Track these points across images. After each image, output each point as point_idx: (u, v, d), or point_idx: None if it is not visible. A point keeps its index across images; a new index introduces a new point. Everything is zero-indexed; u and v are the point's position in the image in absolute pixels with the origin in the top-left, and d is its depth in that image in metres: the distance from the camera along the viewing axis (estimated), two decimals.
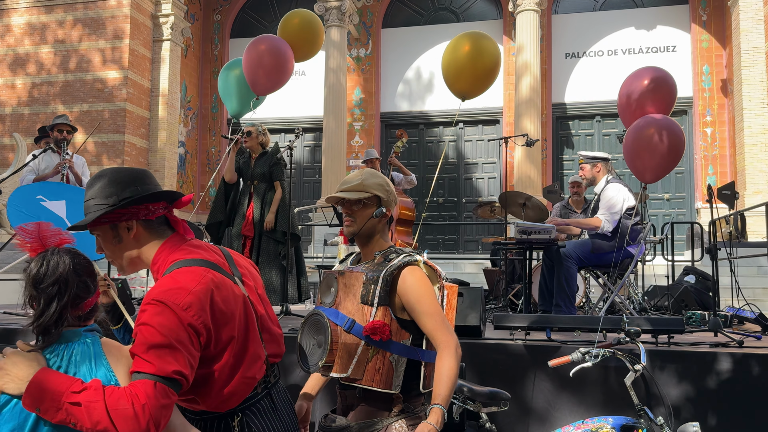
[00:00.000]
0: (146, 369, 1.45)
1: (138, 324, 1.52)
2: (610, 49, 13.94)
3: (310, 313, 2.01)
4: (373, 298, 1.90)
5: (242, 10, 15.96)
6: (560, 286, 4.75)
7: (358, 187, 2.03)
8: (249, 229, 5.20)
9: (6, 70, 13.39)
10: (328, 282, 2.03)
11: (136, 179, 1.71)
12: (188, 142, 15.23)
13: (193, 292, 1.56)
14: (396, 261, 1.94)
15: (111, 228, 1.68)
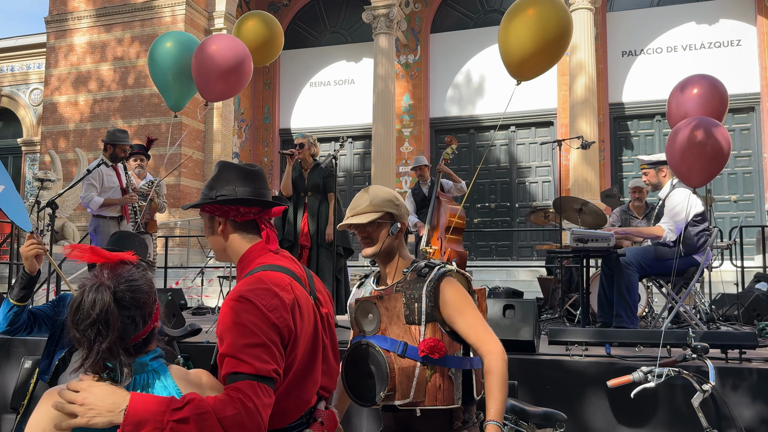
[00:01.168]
0: (245, 370, 1.46)
1: (225, 322, 1.53)
2: (669, 46, 13.40)
3: (353, 344, 1.93)
4: (420, 316, 1.86)
5: (292, 22, 16.16)
6: (621, 296, 4.51)
7: (367, 208, 1.99)
8: (306, 239, 5.23)
9: (69, 87, 13.95)
10: (365, 309, 1.96)
11: (239, 179, 1.78)
12: (242, 152, 15.49)
13: (278, 295, 1.59)
14: (432, 274, 1.91)
15: (209, 218, 1.79)
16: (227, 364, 1.48)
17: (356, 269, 9.50)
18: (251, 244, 1.76)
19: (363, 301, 1.97)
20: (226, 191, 1.75)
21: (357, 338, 1.95)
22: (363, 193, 2.04)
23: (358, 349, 1.91)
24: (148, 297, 1.46)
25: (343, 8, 15.75)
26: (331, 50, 15.68)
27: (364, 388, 1.88)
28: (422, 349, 1.82)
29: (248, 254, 1.75)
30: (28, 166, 15.98)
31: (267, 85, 16.13)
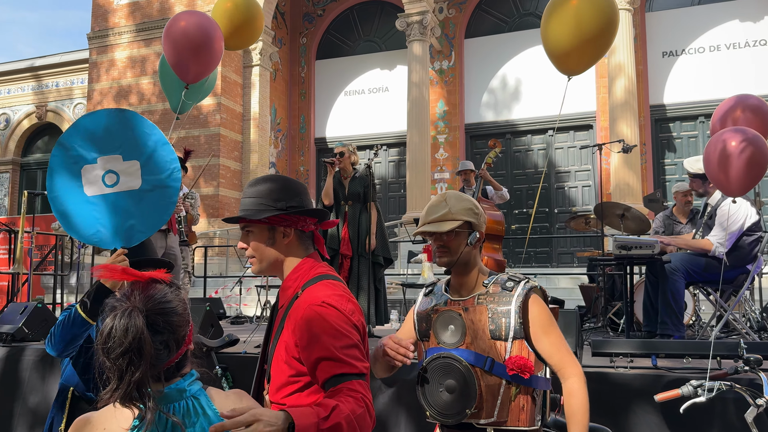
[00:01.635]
0: (350, 370, 1.53)
1: (314, 327, 1.57)
2: (711, 45, 13.03)
3: (434, 356, 1.85)
4: (507, 332, 1.80)
5: (327, 32, 16.29)
6: (666, 303, 4.34)
7: (446, 216, 1.90)
8: (347, 248, 5.23)
9: (111, 101, 14.32)
10: (447, 320, 1.88)
11: (301, 191, 1.82)
12: (279, 162, 15.64)
13: (351, 300, 1.69)
14: (520, 289, 1.85)
15: (269, 229, 1.76)
16: (329, 367, 1.54)
17: (392, 277, 9.45)
18: (308, 253, 1.80)
19: (444, 312, 1.89)
20: (296, 202, 1.78)
21: (436, 350, 1.86)
22: (440, 199, 1.96)
23: (439, 362, 1.84)
24: (182, 319, 1.39)
25: (376, 17, 15.80)
26: (365, 59, 15.74)
27: (445, 402, 1.82)
28: (511, 367, 1.76)
29: (304, 263, 1.78)
30: None
31: (302, 95, 16.27)
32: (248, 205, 1.78)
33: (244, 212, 1.77)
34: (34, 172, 17.63)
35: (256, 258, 1.79)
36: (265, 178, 1.83)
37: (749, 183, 3.41)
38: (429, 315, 1.94)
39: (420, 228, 1.95)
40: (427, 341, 1.93)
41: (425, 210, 1.97)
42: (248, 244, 1.80)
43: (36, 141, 17.86)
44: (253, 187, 1.81)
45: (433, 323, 1.90)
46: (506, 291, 1.85)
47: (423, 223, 1.95)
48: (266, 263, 1.79)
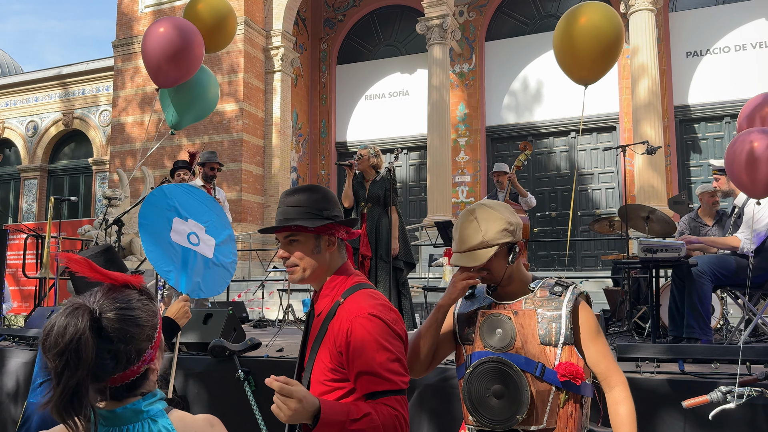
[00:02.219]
0: (390, 387, 1.57)
1: (358, 339, 1.59)
2: (737, 45, 12.81)
3: (482, 360, 1.79)
4: (558, 338, 1.77)
5: (347, 37, 16.36)
6: (693, 306, 4.26)
7: (481, 245, 1.83)
8: (367, 249, 5.23)
9: (136, 108, 14.53)
10: (494, 323, 1.83)
11: (338, 201, 1.85)
12: (300, 167, 15.73)
13: (394, 310, 1.70)
14: (569, 294, 1.83)
15: (315, 238, 1.77)
16: (369, 382, 1.57)
17: (414, 281, 9.43)
18: (344, 261, 1.83)
19: (492, 315, 1.84)
20: (336, 212, 1.81)
21: (483, 354, 1.81)
22: (470, 222, 1.86)
23: (487, 366, 1.78)
24: (142, 332, 1.20)
25: (397, 21, 15.83)
26: (385, 63, 15.77)
27: (493, 408, 1.77)
28: (563, 373, 1.73)
29: (343, 270, 1.80)
30: (99, 185, 16.72)
31: (323, 99, 16.35)
32: (294, 214, 1.76)
33: (296, 221, 1.75)
34: (61, 179, 17.96)
35: (301, 267, 1.77)
36: (304, 188, 1.83)
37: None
38: (471, 318, 1.89)
39: (455, 261, 1.89)
40: (469, 345, 1.88)
41: (458, 235, 1.88)
42: (291, 253, 1.78)
43: (63, 148, 18.20)
44: (293, 196, 1.80)
45: (480, 326, 1.85)
46: (555, 296, 1.82)
47: (457, 251, 1.88)
48: (311, 272, 1.77)
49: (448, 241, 6.86)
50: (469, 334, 1.89)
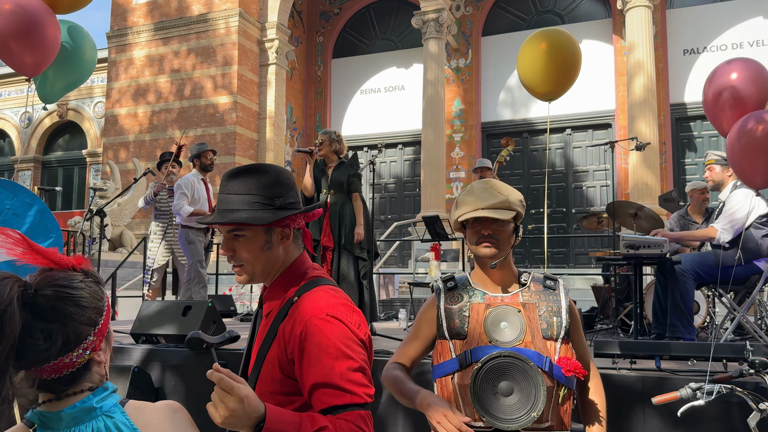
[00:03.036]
0: (352, 400, 1.32)
1: (314, 344, 1.35)
2: (734, 43, 12.76)
3: (491, 355, 1.66)
4: (559, 332, 1.75)
5: (343, 30, 16.28)
6: (675, 304, 4.23)
7: (504, 204, 1.77)
8: (328, 240, 5.05)
9: (129, 100, 14.46)
10: (500, 316, 1.75)
11: (294, 182, 1.56)
12: (294, 160, 15.67)
13: (357, 311, 1.46)
14: (561, 288, 1.82)
15: (265, 231, 1.48)
16: (326, 396, 1.33)
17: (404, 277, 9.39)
18: (300, 252, 1.57)
19: (499, 307, 1.76)
20: (292, 198, 1.52)
21: (490, 348, 1.70)
22: (489, 187, 1.81)
23: (498, 361, 1.66)
24: (81, 313, 1.07)
25: (393, 15, 15.75)
26: (381, 57, 15.70)
27: (506, 407, 1.65)
28: (568, 368, 1.69)
29: (299, 264, 1.54)
30: (93, 177, 16.66)
31: (318, 93, 16.28)
32: (239, 204, 1.47)
33: (239, 213, 1.46)
34: (55, 170, 17.90)
35: (249, 267, 1.49)
36: (251, 169, 1.52)
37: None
38: (463, 311, 1.78)
39: (473, 213, 1.77)
40: (460, 340, 1.75)
41: (474, 196, 1.80)
42: (236, 250, 1.49)
43: (57, 139, 18.13)
44: (237, 179, 1.50)
45: (485, 319, 1.75)
46: (549, 289, 1.80)
47: (477, 207, 1.77)
48: (261, 271, 1.51)
49: (436, 236, 6.80)
50: (460, 329, 1.76)
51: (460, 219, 1.81)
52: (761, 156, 3.39)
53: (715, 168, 4.65)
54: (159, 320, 4.42)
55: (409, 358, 1.92)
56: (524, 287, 1.81)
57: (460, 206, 1.84)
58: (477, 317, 1.77)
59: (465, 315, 1.78)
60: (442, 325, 1.80)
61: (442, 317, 1.81)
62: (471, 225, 1.82)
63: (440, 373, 1.76)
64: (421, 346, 1.90)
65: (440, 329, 1.81)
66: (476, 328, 1.75)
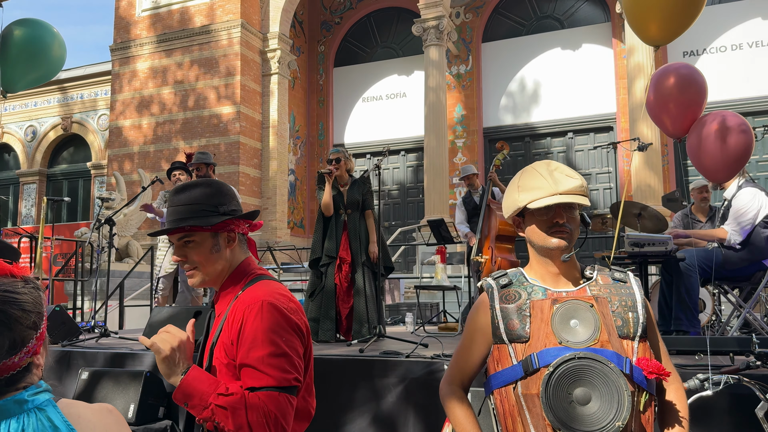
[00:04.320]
0: (267, 382, 1.46)
1: (246, 329, 1.50)
2: (734, 44, 12.82)
3: (564, 357, 1.47)
4: (636, 330, 1.54)
5: (344, 40, 16.40)
6: (680, 298, 4.26)
7: (582, 188, 1.60)
8: (346, 253, 5.10)
9: (133, 111, 14.57)
10: (570, 313, 1.54)
11: (234, 194, 1.74)
12: (297, 169, 15.74)
13: (294, 301, 1.61)
14: (633, 281, 1.62)
15: (212, 236, 1.65)
16: (248, 376, 1.48)
17: (410, 281, 9.42)
18: (246, 256, 1.73)
19: (568, 302, 1.55)
20: (234, 206, 1.70)
21: (561, 350, 1.49)
22: (556, 169, 1.62)
23: (573, 365, 1.46)
24: (26, 317, 1.09)
25: (393, 23, 15.87)
26: (382, 65, 15.80)
27: (585, 417, 1.44)
28: (651, 370, 1.47)
29: (245, 266, 1.70)
30: (97, 189, 16.75)
31: (321, 102, 16.38)
32: (186, 213, 1.63)
33: (188, 220, 1.62)
34: (60, 183, 18.01)
35: (200, 270, 1.65)
36: (194, 184, 1.70)
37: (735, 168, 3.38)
38: (522, 309, 1.57)
39: (552, 199, 1.57)
40: (522, 343, 1.55)
41: (547, 179, 1.60)
42: (187, 256, 1.65)
43: (62, 152, 18.26)
44: (184, 193, 1.68)
45: (552, 317, 1.53)
46: (620, 282, 1.60)
47: (555, 192, 1.57)
48: (212, 272, 1.66)
49: (441, 240, 6.85)
50: (521, 330, 1.55)
51: (534, 206, 1.59)
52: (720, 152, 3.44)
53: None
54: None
55: (467, 374, 1.71)
56: (591, 281, 1.61)
57: (528, 191, 1.61)
58: (542, 315, 1.55)
59: (526, 314, 1.56)
60: (498, 327, 1.59)
61: (498, 318, 1.60)
62: (538, 213, 1.61)
63: (499, 383, 1.56)
64: (479, 357, 1.67)
65: (497, 332, 1.60)
66: (541, 327, 1.53)
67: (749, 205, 4.24)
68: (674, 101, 3.54)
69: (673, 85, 3.53)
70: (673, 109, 3.56)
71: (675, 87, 3.54)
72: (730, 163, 3.42)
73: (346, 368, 3.66)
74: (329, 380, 3.64)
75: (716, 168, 3.42)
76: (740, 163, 3.48)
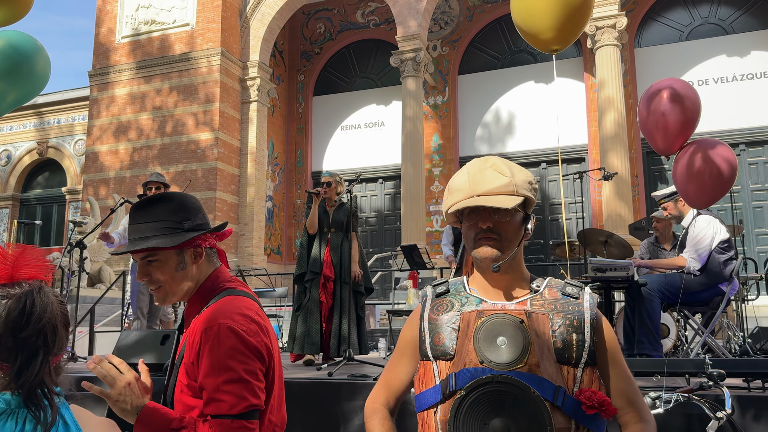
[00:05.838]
0: (220, 410, 1.42)
1: (203, 353, 1.45)
2: (700, 79, 13.27)
3: (479, 380, 1.26)
4: (580, 354, 1.30)
5: (324, 69, 16.63)
6: (642, 322, 4.38)
7: (508, 187, 1.37)
8: (330, 270, 5.33)
9: (110, 137, 14.55)
10: (496, 328, 1.32)
11: (200, 206, 1.66)
12: (275, 196, 15.78)
13: (254, 320, 1.52)
14: (587, 297, 1.37)
15: (177, 254, 1.57)
16: (205, 402, 1.44)
17: (385, 306, 9.46)
18: (215, 267, 1.66)
19: (494, 316, 1.33)
20: (200, 219, 1.62)
21: (481, 371, 1.28)
22: (488, 168, 1.40)
23: (488, 389, 1.25)
24: (68, 321, 1.24)
25: (372, 54, 16.16)
26: (361, 95, 16.04)
27: None
28: (590, 403, 1.24)
29: (213, 279, 1.63)
30: (72, 214, 16.59)
31: (300, 129, 16.52)
32: (149, 231, 1.56)
33: (151, 240, 1.55)
34: (34, 208, 17.80)
35: (166, 289, 1.58)
36: (156, 198, 1.61)
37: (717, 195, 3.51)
38: (451, 323, 1.38)
39: (466, 201, 1.37)
40: (447, 361, 1.35)
41: (471, 179, 1.40)
42: (152, 275, 1.57)
43: (36, 177, 18.09)
44: (145, 210, 1.59)
45: (475, 332, 1.32)
46: (570, 298, 1.36)
47: (471, 194, 1.38)
48: (178, 291, 1.59)
49: (414, 265, 6.93)
50: (447, 346, 1.36)
51: (450, 210, 1.41)
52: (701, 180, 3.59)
53: (669, 204, 4.88)
54: (137, 349, 4.47)
55: (393, 391, 1.51)
56: (536, 294, 1.39)
57: (451, 193, 1.44)
58: (467, 330, 1.35)
59: (454, 327, 1.37)
60: (424, 340, 1.40)
61: (425, 331, 1.41)
62: (467, 217, 1.41)
63: (421, 406, 1.37)
64: (406, 373, 1.49)
65: (422, 346, 1.41)
66: (465, 344, 1.33)
67: (705, 232, 4.41)
68: (667, 117, 3.63)
69: (666, 99, 3.64)
70: (664, 125, 3.66)
71: (668, 102, 3.63)
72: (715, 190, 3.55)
73: (315, 391, 3.69)
74: (298, 403, 3.66)
75: (700, 192, 3.55)
76: (722, 193, 3.62)
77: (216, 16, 14.04)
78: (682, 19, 13.67)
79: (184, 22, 14.37)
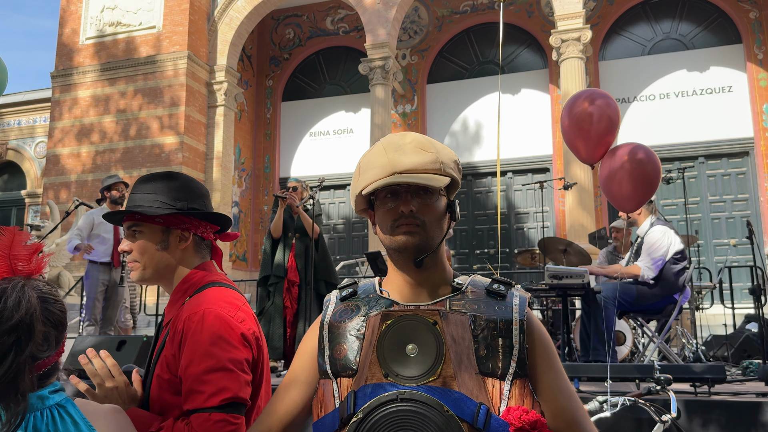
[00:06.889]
0: (199, 404, 1.33)
1: (186, 341, 1.38)
2: (662, 93, 13.61)
3: (380, 399, 1.05)
4: (507, 364, 1.09)
5: (293, 75, 16.59)
6: (597, 329, 4.47)
7: (434, 165, 1.16)
8: (295, 275, 5.34)
9: (72, 140, 14.26)
10: (405, 334, 1.09)
11: (205, 194, 1.64)
12: (242, 201, 15.64)
13: (243, 309, 1.47)
14: (516, 294, 1.17)
15: (162, 231, 1.54)
16: (186, 396, 1.36)
17: None
18: (202, 261, 1.61)
19: (403, 318, 1.10)
20: (198, 205, 1.58)
21: (386, 387, 1.07)
22: (407, 142, 1.18)
23: (392, 410, 1.04)
24: (64, 317, 1.18)
25: (342, 61, 16.18)
26: (330, 101, 16.03)
27: None
28: (518, 424, 1.03)
29: (196, 273, 1.56)
30: (31, 218, 16.18)
31: (267, 135, 16.43)
32: (142, 201, 1.54)
33: (137, 208, 1.52)
34: None
35: (141, 263, 1.54)
36: (162, 175, 1.60)
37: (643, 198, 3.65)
38: (355, 330, 1.16)
39: (386, 179, 1.14)
40: (349, 377, 1.13)
41: (386, 154, 1.17)
42: (132, 247, 1.55)
43: None
44: (148, 183, 1.57)
45: (379, 340, 1.09)
46: (495, 297, 1.15)
47: (390, 172, 1.15)
48: (152, 270, 1.54)
49: (378, 272, 6.92)
50: (348, 360, 1.14)
51: (366, 191, 1.17)
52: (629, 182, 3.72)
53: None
54: None
55: (279, 417, 1.22)
56: (457, 293, 1.17)
57: (364, 172, 1.20)
58: (370, 337, 1.12)
59: (358, 336, 1.15)
60: (323, 353, 1.18)
61: (324, 341, 1.19)
62: (382, 201, 1.18)
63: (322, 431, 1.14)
64: (301, 393, 1.22)
65: (320, 360, 1.19)
66: (369, 354, 1.10)
67: (660, 242, 4.51)
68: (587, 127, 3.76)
69: (586, 110, 3.76)
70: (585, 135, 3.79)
71: (588, 112, 3.76)
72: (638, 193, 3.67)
73: None
74: None
75: (625, 197, 3.65)
76: (648, 195, 3.74)
77: (183, 20, 13.90)
78: (645, 33, 14.01)
79: (150, 25, 14.19)
